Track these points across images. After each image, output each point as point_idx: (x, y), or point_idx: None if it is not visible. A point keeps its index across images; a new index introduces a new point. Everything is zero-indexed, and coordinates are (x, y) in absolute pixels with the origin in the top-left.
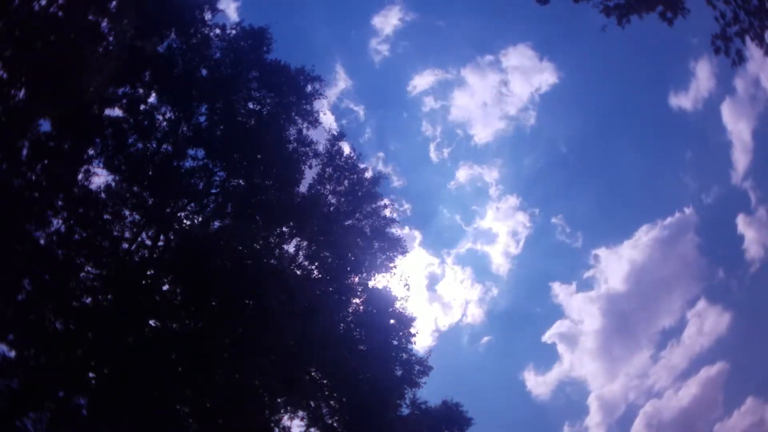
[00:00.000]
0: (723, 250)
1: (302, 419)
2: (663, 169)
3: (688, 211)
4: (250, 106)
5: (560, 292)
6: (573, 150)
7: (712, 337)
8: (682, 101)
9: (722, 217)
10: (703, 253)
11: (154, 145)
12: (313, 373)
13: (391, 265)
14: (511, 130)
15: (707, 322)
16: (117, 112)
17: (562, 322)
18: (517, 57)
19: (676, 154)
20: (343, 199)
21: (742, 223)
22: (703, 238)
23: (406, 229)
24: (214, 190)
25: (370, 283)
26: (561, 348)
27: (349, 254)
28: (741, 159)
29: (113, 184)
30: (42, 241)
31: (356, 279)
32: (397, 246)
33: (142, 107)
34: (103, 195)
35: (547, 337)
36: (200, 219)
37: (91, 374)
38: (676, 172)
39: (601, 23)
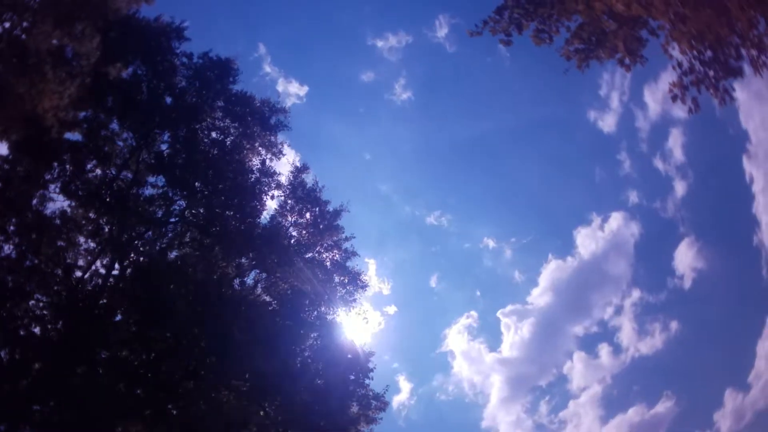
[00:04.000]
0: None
1: None
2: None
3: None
4: (214, 135)
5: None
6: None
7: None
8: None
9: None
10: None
11: (114, 172)
12: (267, 409)
13: (351, 299)
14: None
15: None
16: (77, 136)
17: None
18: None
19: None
20: (304, 232)
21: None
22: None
23: None
24: (173, 219)
25: (329, 317)
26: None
27: (309, 287)
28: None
29: (69, 210)
30: None
31: (315, 312)
32: (357, 280)
33: (102, 132)
34: (57, 221)
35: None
36: (158, 247)
37: (36, 406)
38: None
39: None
